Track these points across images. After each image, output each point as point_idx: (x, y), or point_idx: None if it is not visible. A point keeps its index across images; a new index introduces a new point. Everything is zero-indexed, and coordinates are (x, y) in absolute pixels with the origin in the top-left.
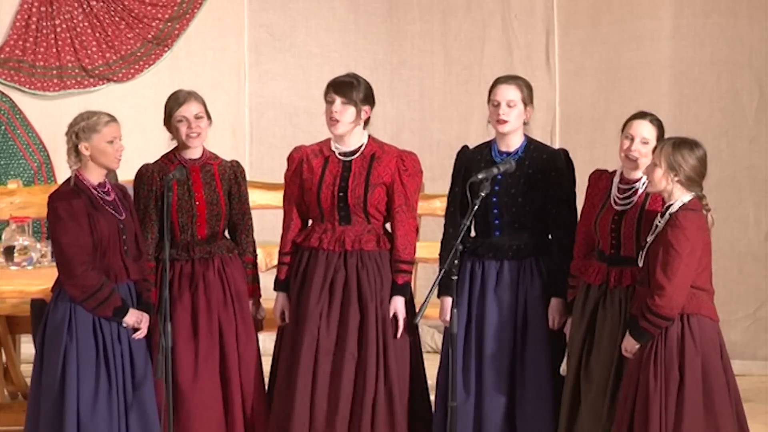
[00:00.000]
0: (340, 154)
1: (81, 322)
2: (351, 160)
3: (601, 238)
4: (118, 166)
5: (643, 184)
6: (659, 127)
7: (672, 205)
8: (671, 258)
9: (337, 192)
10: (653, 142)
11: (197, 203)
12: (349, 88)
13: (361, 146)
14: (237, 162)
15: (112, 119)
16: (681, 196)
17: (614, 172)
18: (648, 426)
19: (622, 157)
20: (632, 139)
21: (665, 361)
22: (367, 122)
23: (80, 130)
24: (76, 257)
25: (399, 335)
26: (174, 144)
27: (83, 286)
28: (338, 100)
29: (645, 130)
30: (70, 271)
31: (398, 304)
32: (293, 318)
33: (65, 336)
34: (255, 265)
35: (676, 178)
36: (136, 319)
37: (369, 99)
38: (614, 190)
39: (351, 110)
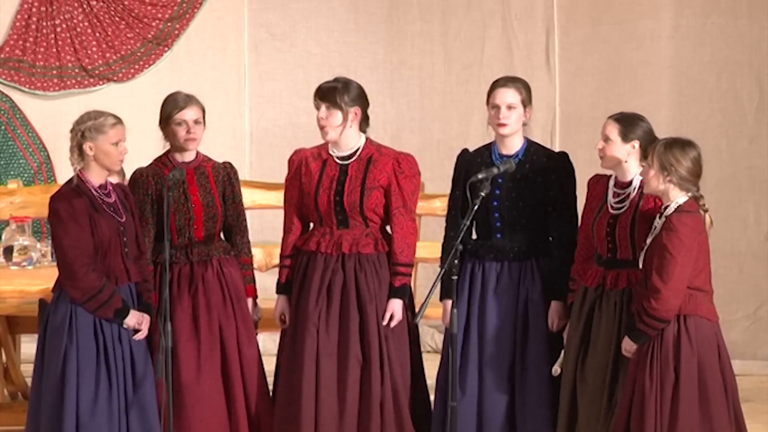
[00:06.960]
0: (337, 157)
1: (82, 324)
2: (348, 164)
3: (598, 241)
4: (119, 168)
5: (634, 188)
6: (625, 125)
7: (668, 206)
8: (666, 261)
9: (334, 196)
10: (616, 140)
11: (193, 206)
12: (333, 93)
13: (358, 149)
14: (230, 163)
15: (119, 121)
16: (676, 197)
17: (610, 176)
18: (643, 426)
19: None
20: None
21: (661, 361)
22: (365, 123)
23: (86, 129)
24: (77, 259)
25: (398, 337)
26: (166, 146)
27: (84, 288)
28: (323, 106)
29: (607, 127)
30: (72, 272)
31: (395, 306)
32: (293, 321)
33: (65, 337)
34: (251, 265)
35: (668, 178)
36: (136, 320)
37: (357, 100)
38: (610, 194)
39: (337, 114)
